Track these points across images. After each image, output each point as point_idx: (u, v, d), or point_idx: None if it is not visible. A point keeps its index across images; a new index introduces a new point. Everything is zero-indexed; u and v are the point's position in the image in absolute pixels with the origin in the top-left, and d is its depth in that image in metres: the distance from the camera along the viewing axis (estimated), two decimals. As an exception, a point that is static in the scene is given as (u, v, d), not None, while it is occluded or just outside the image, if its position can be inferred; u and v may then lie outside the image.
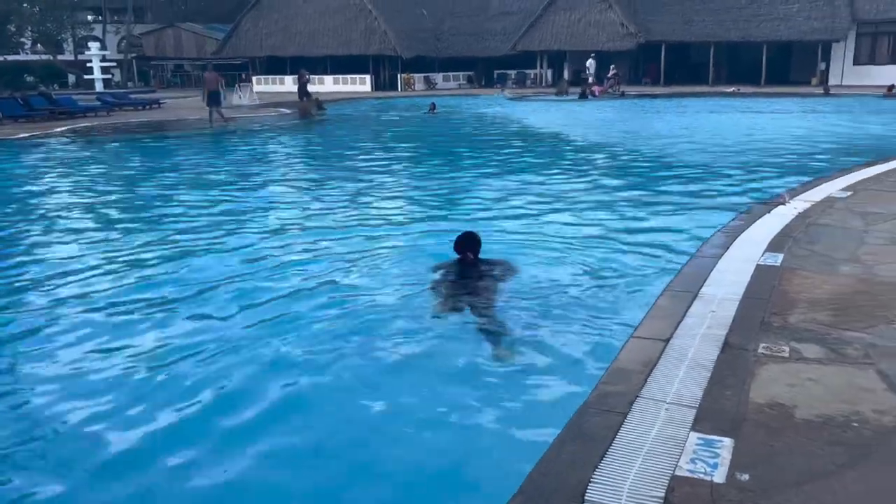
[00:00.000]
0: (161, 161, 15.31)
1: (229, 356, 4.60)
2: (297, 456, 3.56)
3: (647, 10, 40.48)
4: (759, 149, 14.89)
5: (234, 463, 3.47)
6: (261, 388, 4.18)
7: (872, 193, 8.19)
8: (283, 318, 5.26)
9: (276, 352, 4.68)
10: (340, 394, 4.14)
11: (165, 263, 6.87)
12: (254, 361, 4.54)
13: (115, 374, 4.40)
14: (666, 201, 9.44)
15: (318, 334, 4.94)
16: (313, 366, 4.45)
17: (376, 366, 4.45)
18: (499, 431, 3.70)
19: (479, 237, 5.96)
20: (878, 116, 22.75)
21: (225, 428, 3.78)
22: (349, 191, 10.86)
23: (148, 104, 28.83)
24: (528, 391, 4.10)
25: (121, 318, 5.38)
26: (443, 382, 4.24)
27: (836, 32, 35.95)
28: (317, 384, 4.25)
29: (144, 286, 6.11)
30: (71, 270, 6.63)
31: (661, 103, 29.68)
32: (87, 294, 5.91)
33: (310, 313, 5.33)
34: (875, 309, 4.34)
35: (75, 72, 47.57)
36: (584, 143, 17.63)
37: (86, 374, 4.42)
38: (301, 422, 3.86)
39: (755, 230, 6.50)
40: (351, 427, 3.80)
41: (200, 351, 4.67)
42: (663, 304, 4.57)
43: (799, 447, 2.83)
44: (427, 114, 25.45)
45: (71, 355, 4.71)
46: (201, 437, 3.68)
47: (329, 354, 4.59)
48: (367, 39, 42.49)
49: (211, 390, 4.15)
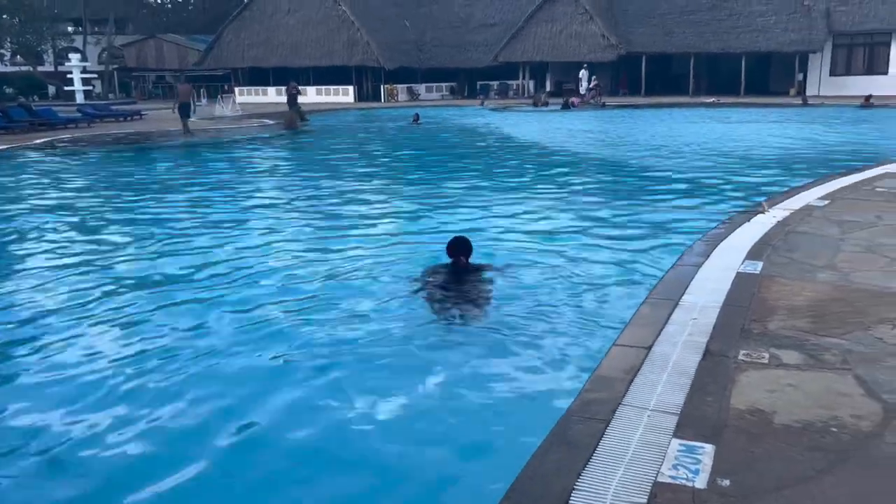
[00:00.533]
0: (141, 172, 15.22)
1: (215, 365, 4.59)
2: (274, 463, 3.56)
3: (627, 21, 40.96)
4: (739, 158, 15.08)
5: (230, 468, 3.47)
6: (249, 397, 4.18)
7: (849, 202, 8.32)
8: (278, 319, 5.29)
9: (272, 356, 4.72)
10: (320, 402, 4.14)
11: (148, 274, 6.82)
12: (245, 370, 4.55)
13: (82, 390, 4.34)
14: (647, 210, 9.53)
15: (304, 338, 4.97)
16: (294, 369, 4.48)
17: (361, 374, 4.46)
18: (483, 439, 3.72)
19: (469, 242, 6.06)
20: (856, 126, 23.11)
21: (219, 435, 3.78)
22: (334, 201, 10.87)
23: (129, 115, 28.65)
24: (511, 398, 4.12)
25: (94, 330, 5.34)
26: (427, 388, 4.25)
27: (812, 44, 36.54)
28: (297, 389, 4.27)
29: (127, 298, 6.07)
30: (46, 282, 6.56)
31: (641, 113, 29.96)
32: (61, 309, 5.85)
33: (296, 316, 5.34)
34: (852, 315, 4.40)
35: (55, 83, 47.26)
36: (565, 153, 17.74)
37: (52, 387, 4.38)
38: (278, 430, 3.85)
39: (735, 238, 6.57)
40: (339, 434, 3.80)
41: (177, 358, 4.66)
42: (645, 312, 4.61)
43: (779, 452, 2.87)
44: (410, 124, 25.54)
45: (41, 365, 4.68)
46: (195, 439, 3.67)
47: (315, 359, 4.61)
48: (349, 50, 42.59)
49: (194, 400, 4.13)
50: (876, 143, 17.81)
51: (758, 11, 38.71)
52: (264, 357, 4.72)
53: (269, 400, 4.14)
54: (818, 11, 37.17)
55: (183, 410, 4.03)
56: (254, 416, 3.95)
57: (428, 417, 3.91)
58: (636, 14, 41.20)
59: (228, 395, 4.23)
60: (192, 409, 4.05)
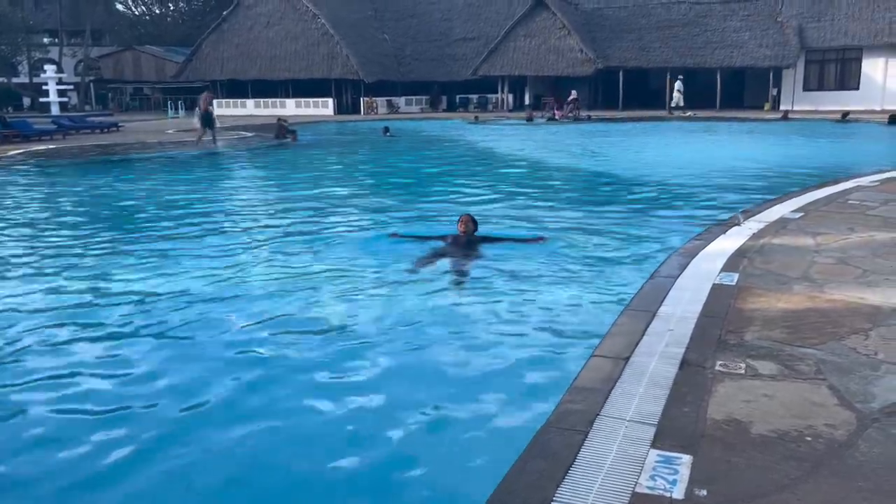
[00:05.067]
0: (118, 185, 15.07)
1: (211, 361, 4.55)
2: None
3: (605, 37, 41.42)
4: (716, 171, 15.24)
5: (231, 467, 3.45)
6: (250, 388, 4.28)
7: (823, 214, 8.45)
8: (273, 317, 5.33)
9: (265, 348, 4.68)
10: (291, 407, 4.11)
11: (130, 284, 6.74)
12: (244, 365, 4.64)
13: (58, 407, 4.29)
14: (625, 222, 9.59)
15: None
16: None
17: (332, 386, 4.43)
18: (461, 451, 3.71)
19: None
20: (831, 140, 23.52)
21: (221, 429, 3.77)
22: (318, 206, 10.84)
23: (106, 127, 28.40)
24: (490, 410, 4.11)
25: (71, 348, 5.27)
26: (406, 398, 4.23)
27: (786, 59, 37.17)
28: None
29: (104, 309, 6.00)
30: (17, 294, 6.48)
31: (619, 127, 30.26)
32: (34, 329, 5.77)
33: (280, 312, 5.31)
34: (825, 325, 4.46)
35: (31, 95, 46.74)
36: (546, 165, 17.85)
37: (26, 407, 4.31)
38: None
39: (711, 250, 6.64)
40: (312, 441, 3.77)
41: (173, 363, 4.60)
42: (623, 323, 4.63)
43: (755, 462, 2.89)
44: (383, 136, 25.90)
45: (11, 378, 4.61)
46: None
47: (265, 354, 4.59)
48: (329, 63, 42.62)
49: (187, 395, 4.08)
50: (853, 157, 18.18)
51: (732, 27, 39.37)
52: (258, 350, 4.70)
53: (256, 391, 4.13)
54: (791, 28, 37.86)
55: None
56: (240, 410, 3.93)
57: (402, 429, 3.89)
58: (613, 29, 41.69)
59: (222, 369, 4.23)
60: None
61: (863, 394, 3.49)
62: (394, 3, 48.34)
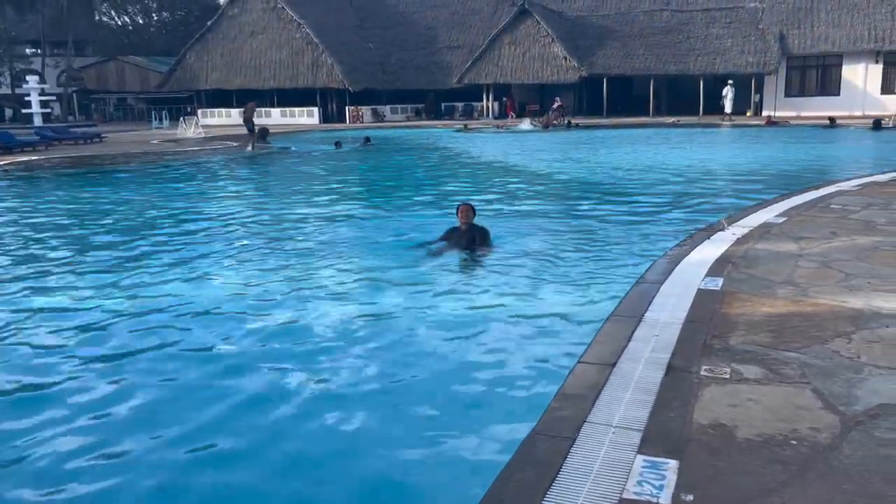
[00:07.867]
0: (98, 196, 14.95)
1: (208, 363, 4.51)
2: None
3: (589, 45, 41.67)
4: (702, 177, 15.36)
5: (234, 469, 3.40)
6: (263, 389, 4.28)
7: (806, 219, 8.52)
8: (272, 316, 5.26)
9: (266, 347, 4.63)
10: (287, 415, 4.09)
11: (115, 299, 6.69)
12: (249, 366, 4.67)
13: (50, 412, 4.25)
14: (611, 228, 9.63)
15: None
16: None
17: (323, 391, 4.42)
18: (449, 458, 3.70)
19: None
20: (814, 145, 23.75)
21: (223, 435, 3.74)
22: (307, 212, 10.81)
23: (89, 138, 28.22)
24: (477, 417, 4.11)
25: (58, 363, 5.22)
26: (391, 408, 4.22)
27: (768, 66, 37.54)
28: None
29: (92, 322, 5.95)
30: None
31: (604, 133, 30.43)
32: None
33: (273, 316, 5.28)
34: (809, 329, 4.50)
35: (13, 106, 46.38)
36: (531, 171, 17.90)
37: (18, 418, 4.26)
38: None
39: (696, 255, 6.68)
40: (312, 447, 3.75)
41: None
42: (609, 329, 4.65)
43: (741, 466, 2.90)
44: (360, 147, 25.67)
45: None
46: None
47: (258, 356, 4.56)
48: (314, 72, 42.59)
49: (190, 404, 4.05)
50: (838, 161, 18.42)
51: (714, 34, 39.74)
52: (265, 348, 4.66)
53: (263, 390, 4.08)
54: (772, 35, 38.26)
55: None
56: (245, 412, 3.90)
57: (390, 437, 3.88)
58: (597, 37, 41.95)
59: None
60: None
61: (846, 397, 3.51)
62: (379, 12, 48.40)
